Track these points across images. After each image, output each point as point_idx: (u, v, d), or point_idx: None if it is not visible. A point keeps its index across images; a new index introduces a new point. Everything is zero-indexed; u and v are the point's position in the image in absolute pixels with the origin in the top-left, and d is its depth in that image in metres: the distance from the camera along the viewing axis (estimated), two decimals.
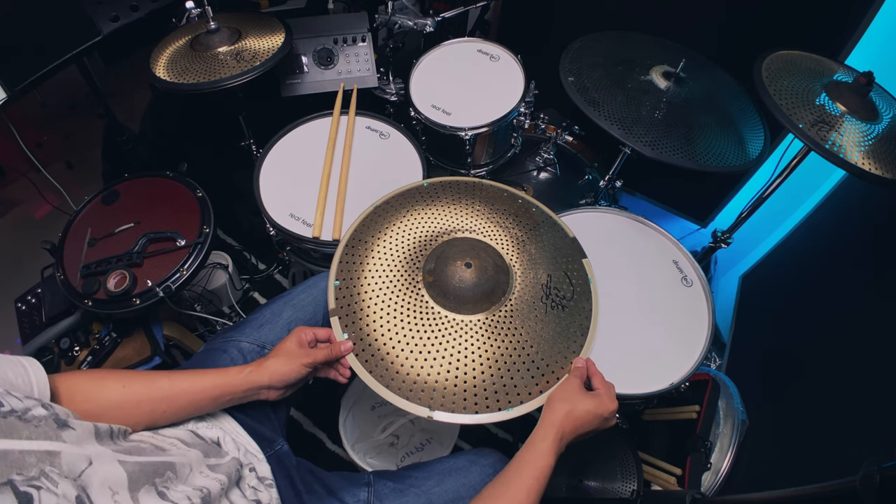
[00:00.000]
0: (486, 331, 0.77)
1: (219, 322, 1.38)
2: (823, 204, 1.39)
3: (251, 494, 0.64)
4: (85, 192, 1.25)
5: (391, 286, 0.81)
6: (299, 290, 0.93)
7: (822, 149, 0.86)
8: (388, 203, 0.92)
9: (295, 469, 0.77)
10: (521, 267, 0.85)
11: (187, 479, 0.55)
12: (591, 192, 1.45)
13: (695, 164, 0.98)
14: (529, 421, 0.73)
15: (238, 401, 0.72)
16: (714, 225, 1.78)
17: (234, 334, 0.84)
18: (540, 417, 0.70)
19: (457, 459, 0.81)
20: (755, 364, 1.33)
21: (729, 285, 1.67)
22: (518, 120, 1.31)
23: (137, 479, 0.47)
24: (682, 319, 0.99)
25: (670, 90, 1.09)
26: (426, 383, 0.72)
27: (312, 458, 0.82)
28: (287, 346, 0.74)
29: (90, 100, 1.48)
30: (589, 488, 1.12)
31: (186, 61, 1.15)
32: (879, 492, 0.44)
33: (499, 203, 0.94)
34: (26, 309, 1.18)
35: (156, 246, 1.09)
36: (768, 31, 1.28)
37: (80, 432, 0.46)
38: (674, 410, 1.20)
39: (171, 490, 0.50)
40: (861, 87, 0.91)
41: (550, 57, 1.14)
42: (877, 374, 0.89)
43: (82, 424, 0.47)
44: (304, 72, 1.45)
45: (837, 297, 1.15)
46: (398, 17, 1.47)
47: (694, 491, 0.77)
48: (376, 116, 1.31)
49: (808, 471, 0.91)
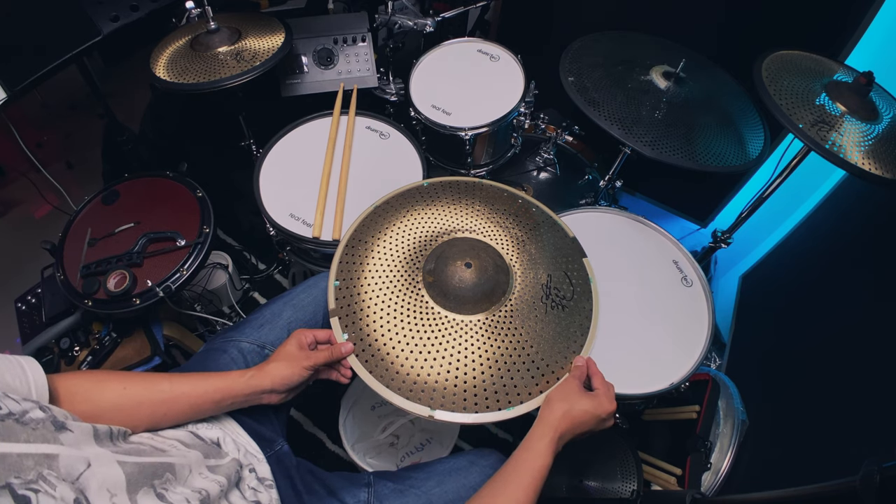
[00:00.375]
0: (486, 331, 0.77)
1: (219, 322, 1.38)
2: (823, 204, 1.39)
3: (251, 495, 0.64)
4: (85, 192, 1.25)
5: (391, 286, 0.81)
6: (299, 289, 0.93)
7: (822, 149, 0.86)
8: (388, 203, 0.92)
9: (295, 469, 0.77)
10: (521, 267, 0.85)
11: (186, 481, 0.55)
12: (591, 192, 1.45)
13: (695, 164, 0.98)
14: (529, 421, 0.73)
15: (240, 405, 0.72)
16: (714, 225, 1.78)
17: (234, 334, 0.84)
18: (537, 416, 0.70)
19: (457, 460, 0.81)
20: (755, 364, 1.33)
21: (729, 285, 1.67)
22: (518, 120, 1.31)
23: (136, 481, 0.47)
24: (682, 319, 0.99)
25: (670, 90, 1.09)
26: (426, 383, 0.72)
27: (312, 458, 0.82)
28: (287, 350, 0.74)
29: (90, 100, 1.48)
30: (589, 488, 1.12)
31: (186, 61, 1.15)
32: (879, 492, 0.44)
33: (499, 203, 0.94)
34: (26, 309, 1.18)
35: (156, 246, 1.09)
36: (768, 31, 1.28)
37: (79, 434, 0.46)
38: (674, 410, 1.20)
39: (169, 492, 0.50)
40: (861, 87, 0.91)
41: (550, 57, 1.14)
42: (877, 374, 0.89)
43: (81, 426, 0.47)
44: (304, 72, 1.45)
45: (837, 297, 1.15)
46: (398, 17, 1.47)
47: (694, 491, 0.77)
48: (376, 116, 1.31)
49: (808, 471, 0.91)
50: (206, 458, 0.61)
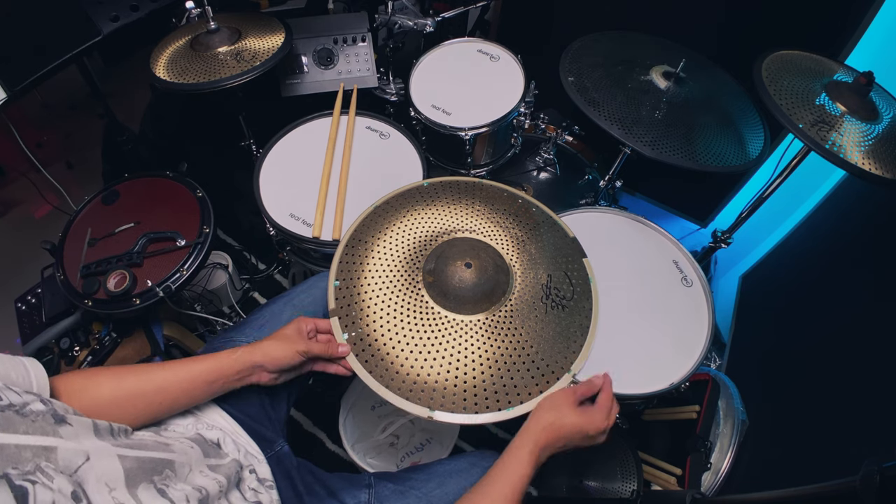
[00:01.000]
0: (486, 331, 0.77)
1: (219, 322, 1.38)
2: (823, 204, 1.39)
3: (251, 496, 0.64)
4: (85, 192, 1.25)
5: (391, 286, 0.81)
6: (299, 289, 0.92)
7: (822, 149, 0.86)
8: (388, 203, 0.92)
9: (296, 470, 0.77)
10: (521, 267, 0.85)
11: (187, 478, 0.55)
12: (591, 192, 1.45)
13: (695, 164, 0.98)
14: None
15: (232, 385, 0.71)
16: (714, 225, 1.78)
17: (234, 335, 0.84)
18: (525, 423, 0.70)
19: (458, 462, 0.81)
20: (755, 364, 1.33)
21: (729, 285, 1.67)
22: (518, 120, 1.30)
23: (135, 476, 0.47)
24: (682, 319, 0.99)
25: (670, 90, 1.09)
26: (426, 383, 0.72)
27: (312, 458, 0.82)
28: (284, 332, 0.74)
29: (90, 100, 1.48)
30: (589, 488, 1.12)
31: (186, 61, 1.15)
32: (879, 492, 0.44)
33: (499, 203, 0.94)
34: (26, 309, 1.18)
35: (156, 246, 1.09)
36: (768, 31, 1.28)
37: (78, 428, 0.46)
38: (674, 410, 1.20)
39: (170, 488, 0.50)
40: (861, 87, 0.91)
41: (550, 57, 1.14)
42: (877, 374, 0.89)
43: (81, 420, 0.47)
44: (304, 72, 1.45)
45: (837, 297, 1.15)
46: (398, 17, 1.47)
47: (694, 491, 0.77)
48: (376, 116, 1.31)
49: (808, 471, 0.91)
50: (206, 457, 0.61)
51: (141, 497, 0.46)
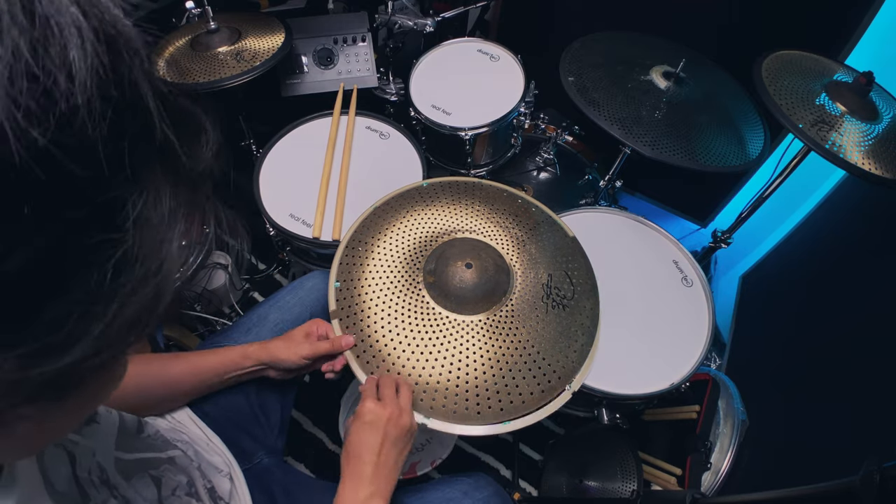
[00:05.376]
0: (486, 331, 0.77)
1: (219, 322, 1.38)
2: (823, 204, 1.39)
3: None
4: None
5: (391, 287, 0.80)
6: (284, 292, 0.92)
7: (822, 149, 0.86)
8: (387, 203, 0.92)
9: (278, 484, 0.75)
10: (522, 267, 0.85)
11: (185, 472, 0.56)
12: (591, 192, 1.45)
13: (695, 164, 0.98)
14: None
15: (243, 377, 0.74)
16: (714, 225, 1.78)
17: (222, 340, 0.84)
18: (342, 474, 0.61)
19: (452, 489, 0.77)
20: (755, 364, 1.33)
21: (729, 285, 1.67)
22: (518, 120, 1.31)
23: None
24: (682, 319, 0.99)
25: (670, 90, 1.09)
26: (427, 384, 0.72)
27: (312, 459, 0.82)
28: (294, 334, 0.75)
29: None
30: (589, 488, 1.12)
31: (186, 61, 1.15)
32: (879, 492, 0.44)
33: (499, 203, 0.94)
34: None
35: None
36: (768, 31, 1.28)
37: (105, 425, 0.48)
38: (674, 410, 1.20)
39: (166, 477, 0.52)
40: (861, 87, 0.91)
41: (550, 57, 1.14)
42: (877, 373, 0.89)
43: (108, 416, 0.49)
44: (304, 72, 1.45)
45: (837, 296, 1.15)
46: (398, 17, 1.47)
47: (694, 491, 0.77)
48: (376, 116, 1.31)
49: (808, 471, 0.91)
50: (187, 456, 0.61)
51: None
